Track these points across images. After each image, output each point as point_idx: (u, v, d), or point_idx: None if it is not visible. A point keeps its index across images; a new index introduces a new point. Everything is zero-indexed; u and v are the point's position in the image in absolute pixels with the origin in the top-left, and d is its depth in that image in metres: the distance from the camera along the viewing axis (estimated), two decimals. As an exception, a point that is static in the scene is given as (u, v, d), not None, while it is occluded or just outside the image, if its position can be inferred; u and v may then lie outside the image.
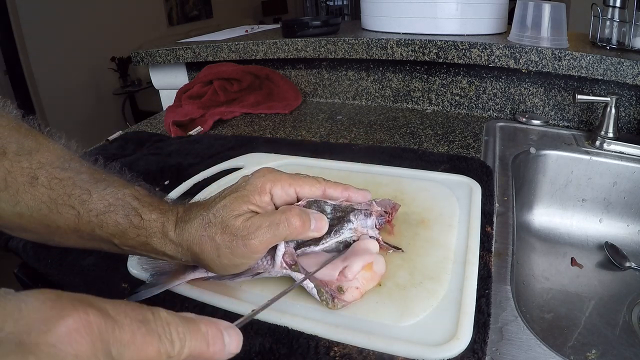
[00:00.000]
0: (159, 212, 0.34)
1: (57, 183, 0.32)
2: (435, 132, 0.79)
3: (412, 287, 0.38)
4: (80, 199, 0.32)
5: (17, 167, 0.32)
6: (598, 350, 0.50)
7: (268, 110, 0.94)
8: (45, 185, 0.32)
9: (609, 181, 0.69)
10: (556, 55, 0.74)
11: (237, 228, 0.33)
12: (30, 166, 0.32)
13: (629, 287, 0.61)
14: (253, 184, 0.36)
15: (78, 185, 0.33)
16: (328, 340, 0.34)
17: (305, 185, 0.38)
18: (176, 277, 0.40)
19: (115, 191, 0.34)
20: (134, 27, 3.49)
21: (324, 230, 0.37)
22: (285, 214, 0.34)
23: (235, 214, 0.34)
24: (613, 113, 0.69)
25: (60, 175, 0.33)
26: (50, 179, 0.32)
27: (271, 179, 0.36)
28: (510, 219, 0.53)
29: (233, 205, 0.34)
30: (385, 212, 0.43)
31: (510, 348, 0.35)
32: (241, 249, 0.33)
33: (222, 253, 0.33)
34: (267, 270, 0.37)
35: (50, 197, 0.32)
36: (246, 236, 0.33)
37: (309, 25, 0.98)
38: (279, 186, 0.36)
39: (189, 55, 1.05)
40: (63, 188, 0.32)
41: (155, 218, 0.34)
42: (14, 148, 0.32)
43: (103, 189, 0.33)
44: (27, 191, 0.32)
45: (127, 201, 0.34)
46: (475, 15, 0.88)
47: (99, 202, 0.33)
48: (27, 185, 0.32)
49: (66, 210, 0.32)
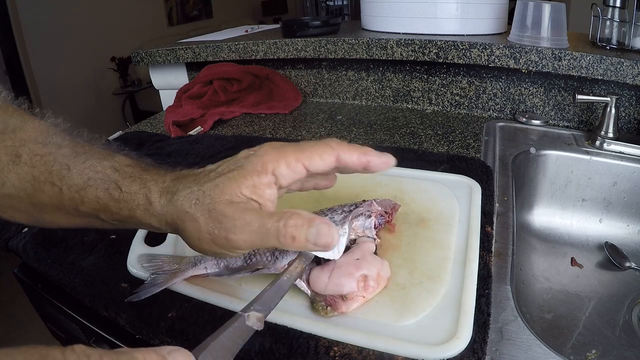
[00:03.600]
0: (140, 183, 0.32)
1: (38, 160, 0.31)
2: (435, 132, 0.79)
3: (412, 287, 0.38)
4: (60, 175, 0.31)
5: (1, 146, 0.31)
6: (598, 350, 0.50)
7: (268, 110, 0.94)
8: (27, 163, 0.31)
9: (609, 181, 0.69)
10: (556, 55, 0.74)
11: (224, 216, 0.29)
12: (13, 144, 0.31)
13: (629, 287, 0.61)
14: (253, 162, 0.31)
15: (58, 161, 0.31)
16: (328, 340, 0.34)
17: (315, 155, 0.32)
18: (175, 275, 0.40)
19: (95, 164, 0.32)
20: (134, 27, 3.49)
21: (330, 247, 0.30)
22: (278, 223, 0.29)
23: (227, 198, 0.30)
24: (613, 113, 0.69)
25: (42, 152, 0.31)
26: (32, 155, 0.31)
27: (274, 157, 0.31)
28: (510, 219, 0.53)
29: (227, 187, 0.30)
30: (385, 213, 0.43)
31: (510, 348, 0.35)
32: (222, 241, 0.29)
33: (202, 237, 0.30)
34: (267, 266, 0.37)
35: (33, 174, 0.31)
36: (230, 229, 0.29)
37: (309, 25, 0.98)
38: (284, 164, 0.31)
39: (189, 55, 1.05)
40: (44, 165, 0.31)
41: (136, 190, 0.31)
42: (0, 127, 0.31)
43: (82, 163, 0.32)
44: (12, 170, 0.31)
45: (106, 174, 0.32)
46: (475, 15, 0.88)
47: (78, 177, 0.31)
48: (11, 164, 0.31)
49: (48, 187, 0.31)
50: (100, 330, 0.48)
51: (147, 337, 0.39)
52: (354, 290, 0.36)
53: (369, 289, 0.37)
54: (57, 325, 0.59)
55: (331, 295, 0.36)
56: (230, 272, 0.38)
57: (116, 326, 0.41)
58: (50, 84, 2.91)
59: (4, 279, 1.78)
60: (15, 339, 1.61)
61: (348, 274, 0.36)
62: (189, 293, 0.40)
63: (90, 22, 3.15)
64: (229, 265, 0.39)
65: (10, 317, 1.71)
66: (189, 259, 0.41)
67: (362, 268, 0.37)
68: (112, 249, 0.48)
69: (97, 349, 0.21)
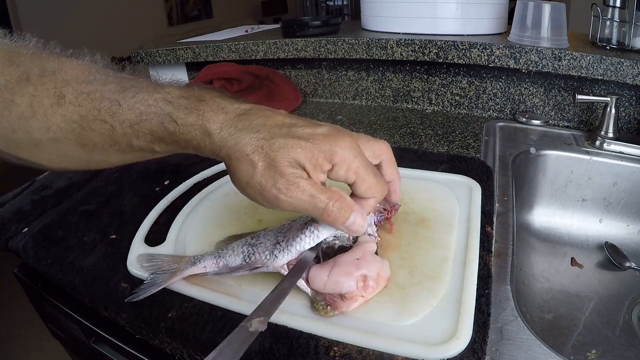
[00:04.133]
0: (196, 115, 0.31)
1: (84, 98, 0.30)
2: (435, 132, 0.79)
3: (412, 287, 0.38)
4: (111, 111, 0.30)
5: (42, 89, 0.30)
6: (598, 350, 0.50)
7: (268, 110, 0.94)
8: (73, 103, 0.30)
9: (609, 181, 0.69)
10: (556, 55, 0.74)
11: (281, 174, 0.30)
12: (55, 86, 0.30)
13: (629, 287, 0.61)
14: (328, 147, 0.31)
15: (106, 97, 0.31)
16: (328, 340, 0.34)
17: (366, 183, 0.33)
18: (174, 275, 0.40)
19: (146, 97, 0.31)
20: (134, 27, 3.49)
21: (356, 233, 0.34)
22: (330, 200, 0.31)
23: (291, 160, 0.30)
24: (613, 113, 0.69)
25: (87, 89, 0.30)
26: (77, 95, 0.30)
27: (344, 157, 0.32)
28: (510, 219, 0.53)
29: (294, 151, 0.30)
30: (384, 209, 0.43)
31: (510, 348, 0.35)
32: (271, 194, 0.30)
33: (252, 184, 0.31)
34: (266, 265, 0.37)
35: (80, 114, 0.30)
36: (282, 190, 0.30)
37: (309, 25, 0.98)
38: (345, 167, 0.32)
39: (189, 55, 1.05)
40: (91, 102, 0.30)
41: (192, 122, 0.31)
42: (37, 72, 0.30)
43: (132, 97, 0.31)
44: (56, 112, 0.30)
45: (159, 107, 0.31)
46: (475, 15, 0.88)
47: (130, 112, 0.31)
48: (55, 106, 0.30)
49: (99, 125, 0.30)
50: (100, 330, 0.48)
51: (147, 337, 0.39)
52: (353, 290, 0.36)
53: (369, 289, 0.37)
54: (57, 325, 0.59)
55: (330, 294, 0.36)
56: (229, 270, 0.38)
57: (116, 326, 0.41)
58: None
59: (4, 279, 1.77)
60: (15, 339, 1.61)
61: (347, 273, 0.36)
62: (189, 293, 0.40)
63: (90, 22, 3.16)
64: (228, 264, 0.39)
65: (10, 317, 1.71)
66: (188, 259, 0.41)
67: (362, 268, 0.37)
68: (112, 249, 0.48)
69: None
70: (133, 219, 0.52)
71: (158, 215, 0.53)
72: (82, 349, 0.55)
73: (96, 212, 0.55)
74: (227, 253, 0.39)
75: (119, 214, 0.55)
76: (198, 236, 0.47)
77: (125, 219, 0.53)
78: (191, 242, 0.47)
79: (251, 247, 0.38)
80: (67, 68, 0.31)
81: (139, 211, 0.54)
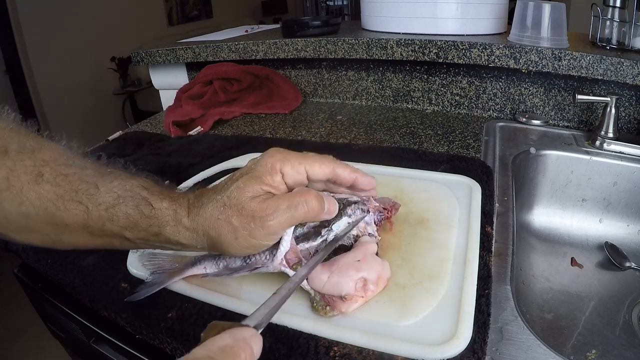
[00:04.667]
0: (169, 200, 0.34)
1: (62, 179, 0.31)
2: (435, 132, 0.79)
3: (412, 287, 0.38)
4: (88, 193, 0.32)
5: (20, 165, 0.31)
6: (598, 350, 0.50)
7: (268, 110, 0.94)
8: (50, 182, 0.31)
9: (609, 181, 0.69)
10: (556, 55, 0.74)
11: (253, 209, 0.32)
12: (34, 164, 0.31)
13: (629, 287, 0.61)
14: (263, 164, 0.35)
15: (84, 180, 0.32)
16: (328, 340, 0.34)
17: (315, 163, 0.37)
18: (175, 274, 0.40)
19: (123, 183, 0.33)
20: (134, 27, 3.49)
21: (334, 212, 0.37)
22: (304, 196, 0.34)
23: (250, 195, 0.33)
24: (613, 113, 0.69)
25: (66, 172, 0.32)
26: (56, 175, 0.31)
27: (280, 159, 0.35)
28: (510, 219, 0.53)
29: (247, 187, 0.33)
30: (384, 209, 0.43)
31: (510, 348, 0.35)
32: (259, 231, 0.32)
33: (239, 235, 0.32)
34: (265, 265, 0.37)
35: (57, 193, 0.31)
36: (264, 217, 0.32)
37: (309, 25, 0.98)
38: (289, 165, 0.35)
39: (189, 55, 1.05)
40: (69, 184, 0.31)
41: (166, 206, 0.33)
42: (16, 147, 0.31)
43: (110, 182, 0.33)
44: (32, 189, 0.31)
45: (136, 192, 0.33)
46: (475, 15, 0.88)
47: (107, 195, 0.32)
48: (32, 183, 0.31)
49: (74, 206, 0.31)
50: (100, 330, 0.48)
51: (147, 337, 0.39)
52: (352, 292, 0.36)
53: (369, 293, 0.37)
54: (57, 325, 0.59)
55: (329, 294, 0.36)
56: (229, 271, 0.38)
57: (116, 326, 0.41)
58: (50, 84, 2.91)
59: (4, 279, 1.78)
60: (15, 339, 1.61)
61: (347, 275, 0.36)
62: (189, 293, 0.40)
63: (90, 22, 3.15)
64: (228, 265, 0.39)
65: (10, 317, 1.71)
66: (189, 259, 0.41)
67: (362, 270, 0.37)
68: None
69: None
70: (133, 219, 0.52)
71: (158, 215, 0.53)
72: (82, 349, 0.55)
73: (96, 212, 0.55)
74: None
75: (119, 214, 0.54)
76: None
77: (125, 219, 0.53)
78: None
79: None
80: (45, 149, 0.32)
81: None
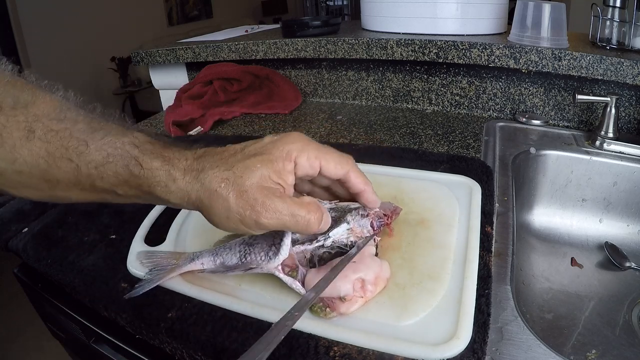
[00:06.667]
0: (161, 160, 0.32)
1: (53, 135, 0.31)
2: (435, 132, 0.79)
3: (412, 287, 0.38)
4: (78, 151, 0.31)
5: (13, 121, 0.30)
6: (598, 350, 0.50)
7: (268, 110, 0.94)
8: (41, 139, 0.30)
9: (609, 181, 0.69)
10: (556, 55, 0.74)
11: (255, 199, 0.31)
12: (26, 119, 0.30)
13: (629, 287, 0.61)
14: (280, 149, 0.33)
15: (75, 137, 0.31)
16: (328, 340, 0.34)
17: (332, 161, 0.35)
18: (173, 270, 0.40)
19: (114, 140, 0.32)
20: (134, 27, 3.49)
21: (324, 229, 0.36)
22: (310, 213, 0.33)
23: (257, 182, 0.32)
24: (613, 113, 0.69)
25: (57, 127, 0.31)
26: (47, 131, 0.31)
27: (299, 148, 0.34)
28: (510, 219, 0.53)
29: (257, 171, 0.32)
30: (384, 215, 0.42)
31: (510, 348, 0.35)
32: (251, 221, 0.32)
33: (231, 216, 0.32)
34: (260, 266, 0.37)
35: (48, 150, 0.30)
36: (261, 213, 0.31)
37: (309, 25, 0.98)
38: (305, 156, 0.34)
39: (189, 55, 1.05)
40: (60, 140, 0.31)
41: (157, 166, 0.32)
42: (10, 102, 0.30)
43: (100, 139, 0.32)
44: (24, 146, 0.30)
45: (126, 150, 0.32)
46: (475, 15, 0.88)
47: (97, 153, 0.31)
48: (24, 139, 0.30)
49: (64, 163, 0.31)
50: (100, 330, 0.48)
51: (147, 337, 0.39)
52: (350, 293, 0.36)
53: (367, 293, 0.36)
54: (57, 325, 0.59)
55: (327, 297, 0.36)
56: (225, 269, 0.39)
57: (116, 326, 0.41)
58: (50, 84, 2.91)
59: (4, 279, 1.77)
60: (15, 339, 1.61)
61: (344, 276, 0.36)
62: (189, 293, 0.40)
63: (90, 22, 3.16)
64: (225, 262, 0.39)
65: (10, 317, 1.71)
66: (187, 255, 0.41)
67: (359, 271, 0.37)
68: (112, 249, 0.48)
69: None
70: (133, 219, 0.52)
71: (158, 215, 0.53)
72: (82, 349, 0.55)
73: (96, 212, 0.55)
74: (224, 251, 0.39)
75: (119, 214, 0.55)
76: (198, 236, 0.47)
77: (125, 219, 0.53)
78: (191, 242, 0.47)
79: (248, 247, 0.39)
80: (39, 102, 0.32)
81: (139, 211, 0.54)
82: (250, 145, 0.34)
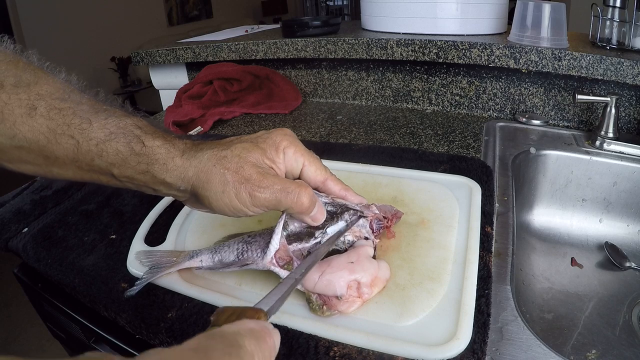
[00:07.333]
0: (163, 139, 0.34)
1: (56, 113, 0.32)
2: (435, 132, 0.79)
3: (412, 287, 0.38)
4: (80, 128, 0.32)
5: (14, 99, 0.31)
6: (598, 350, 0.50)
7: (268, 110, 0.94)
8: (44, 116, 0.31)
9: (609, 181, 0.69)
10: (556, 55, 0.74)
11: (250, 174, 0.33)
12: (28, 98, 0.31)
13: (629, 287, 0.61)
14: (273, 139, 0.36)
15: (78, 115, 0.32)
16: (328, 340, 0.34)
17: (313, 164, 0.38)
18: (172, 266, 0.40)
19: (117, 120, 0.33)
20: (134, 27, 3.49)
21: (319, 221, 0.37)
22: (299, 188, 0.34)
23: (253, 161, 0.34)
24: (613, 113, 0.69)
25: (60, 106, 0.32)
26: (50, 109, 0.31)
27: (290, 140, 0.37)
28: (510, 219, 0.53)
29: (253, 152, 0.34)
30: (384, 217, 0.42)
31: (510, 348, 0.35)
32: (245, 196, 0.33)
33: (227, 190, 0.33)
34: (256, 262, 0.37)
35: (49, 127, 0.31)
36: (256, 186, 0.33)
37: (309, 25, 0.98)
38: (292, 150, 0.37)
39: (189, 55, 1.05)
40: (62, 118, 0.32)
41: (159, 144, 0.33)
42: (12, 81, 0.31)
43: (104, 119, 0.33)
44: (25, 122, 0.31)
45: (129, 129, 0.33)
46: (475, 15, 0.88)
47: (100, 130, 0.32)
48: (25, 116, 0.31)
49: (65, 140, 0.32)
50: (100, 330, 0.48)
51: (147, 337, 0.39)
52: (344, 293, 0.36)
53: (364, 296, 0.36)
54: (57, 325, 0.59)
55: (321, 293, 0.36)
56: (223, 266, 0.39)
57: (116, 326, 0.41)
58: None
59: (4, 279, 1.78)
60: (15, 339, 1.61)
61: (338, 275, 0.36)
62: (189, 293, 0.40)
63: (91, 22, 3.16)
64: (223, 259, 0.39)
65: (10, 317, 1.71)
66: (186, 253, 0.41)
67: (355, 273, 0.36)
68: (112, 249, 0.48)
69: (109, 354, 0.21)
70: (133, 219, 0.52)
71: (158, 215, 0.53)
72: (82, 349, 0.55)
73: (96, 212, 0.55)
74: (223, 249, 0.40)
75: (119, 214, 0.55)
76: (198, 236, 0.48)
77: (125, 219, 0.53)
78: (191, 242, 0.47)
79: (246, 245, 0.39)
80: (42, 83, 0.32)
81: (139, 211, 0.54)
82: (245, 136, 0.37)
